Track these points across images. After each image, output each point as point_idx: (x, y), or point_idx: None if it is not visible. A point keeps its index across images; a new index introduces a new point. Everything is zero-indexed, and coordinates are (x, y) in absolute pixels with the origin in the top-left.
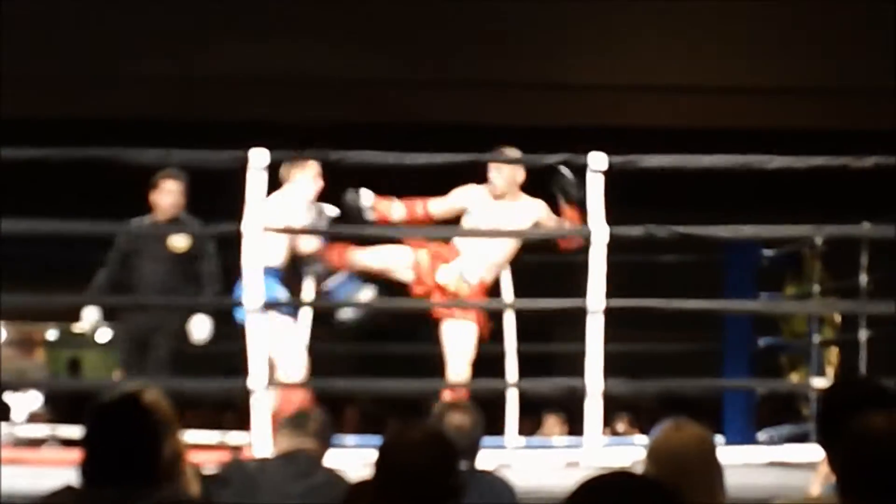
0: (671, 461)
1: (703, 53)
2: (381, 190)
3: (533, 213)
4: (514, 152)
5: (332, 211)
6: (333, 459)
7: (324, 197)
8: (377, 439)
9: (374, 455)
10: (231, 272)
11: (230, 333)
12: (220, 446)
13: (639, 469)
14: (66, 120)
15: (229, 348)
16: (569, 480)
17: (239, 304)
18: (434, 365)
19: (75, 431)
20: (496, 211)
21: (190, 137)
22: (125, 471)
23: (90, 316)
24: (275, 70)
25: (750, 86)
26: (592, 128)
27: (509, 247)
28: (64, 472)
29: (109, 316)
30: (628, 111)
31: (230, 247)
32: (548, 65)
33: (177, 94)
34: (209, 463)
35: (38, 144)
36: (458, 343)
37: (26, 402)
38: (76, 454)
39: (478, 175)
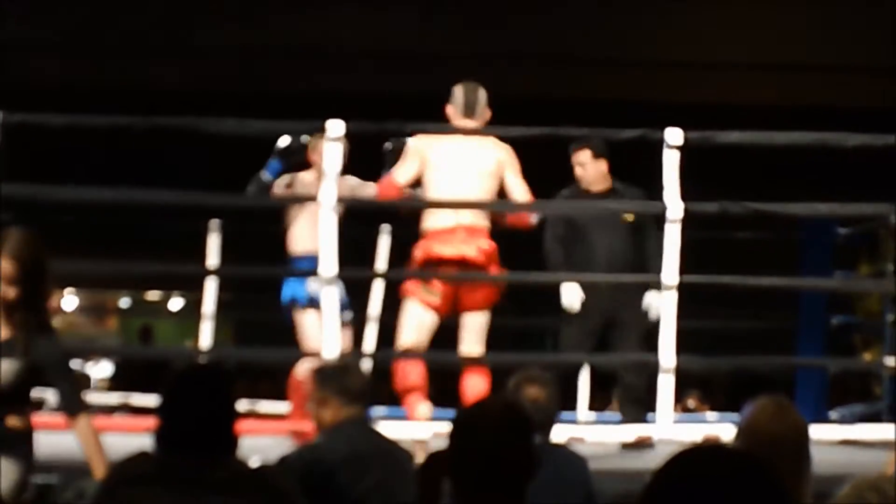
0: (765, 441)
1: (781, 30)
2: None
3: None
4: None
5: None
6: (406, 430)
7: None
8: (451, 412)
9: (448, 427)
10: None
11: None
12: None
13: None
14: (142, 89)
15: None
16: (640, 455)
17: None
18: (508, 337)
19: (146, 399)
20: (458, 151)
21: (268, 108)
22: (202, 439)
23: (570, 293)
24: (352, 41)
25: (829, 63)
26: (668, 103)
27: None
28: (135, 439)
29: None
30: (705, 87)
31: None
32: (625, 40)
33: (256, 65)
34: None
35: (116, 113)
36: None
37: (96, 370)
38: (147, 422)
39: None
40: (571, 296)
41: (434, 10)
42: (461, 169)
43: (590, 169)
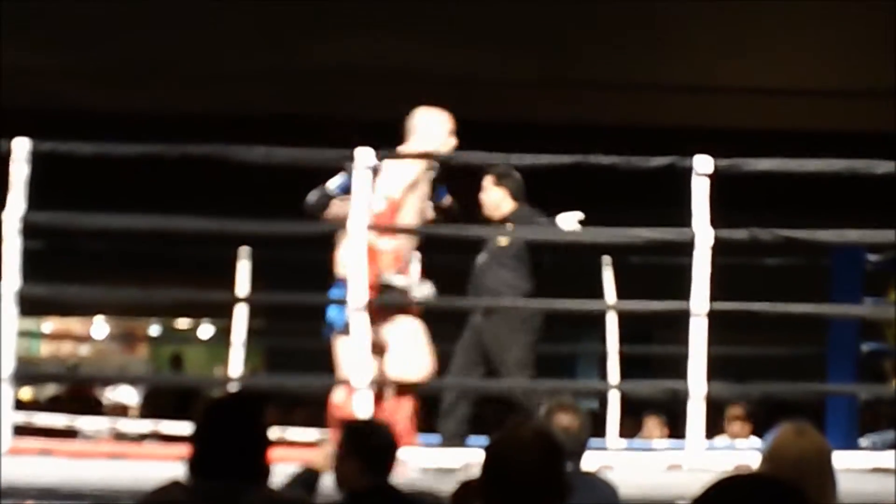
0: (789, 465)
1: (810, 56)
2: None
3: None
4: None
5: None
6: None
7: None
8: (481, 439)
9: (480, 454)
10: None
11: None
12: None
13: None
14: (169, 115)
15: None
16: (670, 483)
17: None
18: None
19: (176, 427)
20: None
21: (296, 134)
22: (234, 467)
23: None
24: (381, 67)
25: (857, 89)
26: (698, 130)
27: None
28: (167, 467)
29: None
30: (734, 114)
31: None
32: (653, 67)
33: (284, 91)
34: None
35: (141, 140)
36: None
37: (124, 396)
38: (179, 450)
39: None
40: None
41: (464, 37)
42: None
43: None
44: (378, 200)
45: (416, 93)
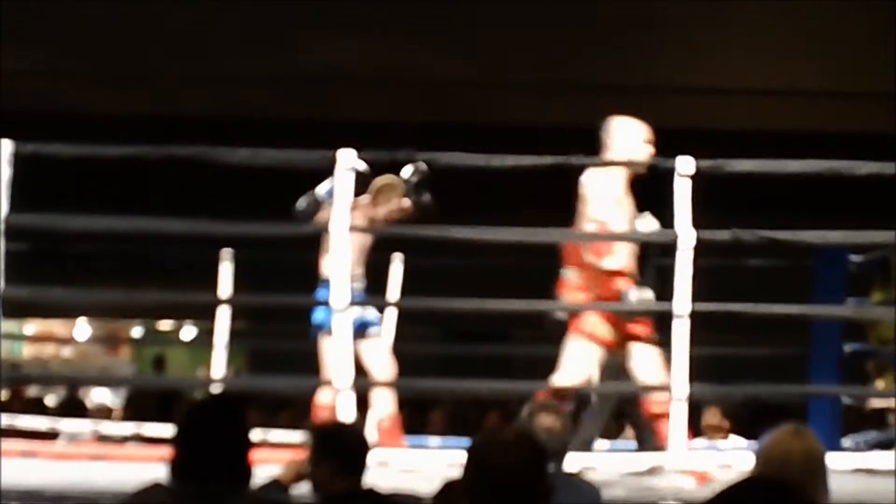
0: (782, 466)
1: (791, 57)
2: (468, 192)
3: None
4: None
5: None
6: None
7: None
8: (464, 440)
9: (461, 456)
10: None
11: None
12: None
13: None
14: (157, 118)
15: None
16: (653, 484)
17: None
18: (523, 367)
19: (159, 429)
20: None
21: (279, 137)
22: (216, 469)
23: None
24: (365, 70)
25: (838, 90)
26: (680, 130)
27: None
28: (149, 469)
29: None
30: (716, 114)
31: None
32: (635, 67)
33: (266, 94)
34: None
35: (128, 142)
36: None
37: (104, 397)
38: (161, 452)
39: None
40: None
41: (462, 39)
42: None
43: None
44: (588, 225)
45: (416, 95)
